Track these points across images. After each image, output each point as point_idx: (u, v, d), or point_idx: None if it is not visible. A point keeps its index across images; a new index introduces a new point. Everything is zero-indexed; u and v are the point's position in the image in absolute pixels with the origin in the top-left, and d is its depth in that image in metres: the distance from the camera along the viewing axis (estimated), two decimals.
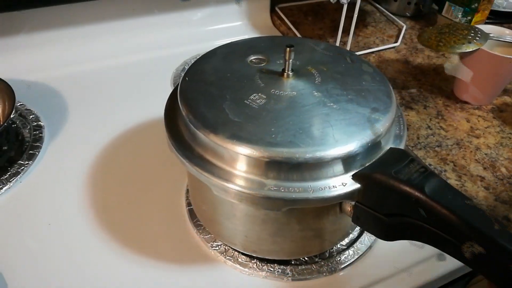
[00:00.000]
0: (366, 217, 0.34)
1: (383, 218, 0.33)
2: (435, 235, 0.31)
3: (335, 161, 0.32)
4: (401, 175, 0.32)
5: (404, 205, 0.31)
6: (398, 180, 0.31)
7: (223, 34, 0.81)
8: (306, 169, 0.32)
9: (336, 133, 0.33)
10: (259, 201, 0.33)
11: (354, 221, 0.36)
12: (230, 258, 0.44)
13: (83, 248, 0.45)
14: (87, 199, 0.50)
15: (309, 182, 0.33)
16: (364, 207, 0.34)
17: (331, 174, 0.33)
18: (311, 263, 0.44)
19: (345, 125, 0.34)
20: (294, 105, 0.35)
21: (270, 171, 0.32)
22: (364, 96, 0.37)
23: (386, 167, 0.33)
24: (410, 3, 0.89)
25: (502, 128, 0.62)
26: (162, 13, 0.78)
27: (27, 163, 0.53)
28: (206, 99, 0.36)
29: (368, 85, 0.38)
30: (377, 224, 0.34)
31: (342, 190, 0.32)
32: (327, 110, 0.35)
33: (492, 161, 0.56)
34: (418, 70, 0.74)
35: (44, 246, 0.45)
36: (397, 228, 0.33)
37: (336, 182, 0.33)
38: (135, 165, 0.55)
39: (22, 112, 0.61)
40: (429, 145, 0.58)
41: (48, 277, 0.42)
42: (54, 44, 0.72)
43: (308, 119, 0.34)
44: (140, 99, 0.66)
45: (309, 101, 0.36)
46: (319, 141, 0.32)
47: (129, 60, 0.74)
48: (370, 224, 0.35)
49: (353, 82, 0.39)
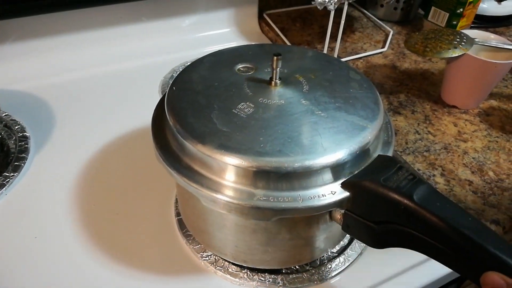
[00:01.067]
0: (356, 225, 0.34)
1: (372, 225, 0.33)
2: (425, 242, 0.31)
3: (324, 169, 0.32)
4: (390, 183, 0.32)
5: (393, 212, 0.31)
6: (387, 188, 0.31)
7: (211, 41, 0.81)
8: (295, 178, 0.32)
9: (325, 142, 0.33)
10: (249, 212, 0.32)
11: (344, 229, 0.35)
12: (220, 268, 0.44)
13: (70, 261, 0.44)
14: (74, 211, 0.49)
15: (299, 191, 0.32)
16: (354, 215, 0.34)
17: (320, 182, 0.33)
18: (302, 271, 0.44)
19: (334, 133, 0.34)
20: (282, 113, 0.35)
21: (259, 181, 0.32)
22: (352, 103, 0.37)
23: (375, 174, 0.33)
24: (397, 8, 0.90)
25: (489, 132, 0.63)
26: (149, 21, 0.78)
27: (12, 175, 0.52)
28: (193, 108, 0.36)
29: (356, 92, 0.38)
30: (367, 232, 0.34)
31: (332, 199, 0.32)
32: (315, 118, 0.35)
33: (479, 165, 0.57)
34: (405, 75, 0.75)
35: (30, 259, 0.44)
36: (387, 235, 0.33)
37: (325, 190, 0.33)
38: (123, 175, 0.54)
39: (7, 123, 0.60)
40: (418, 150, 0.59)
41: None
42: (40, 53, 0.71)
43: (296, 127, 0.34)
44: (128, 108, 0.65)
45: (297, 109, 0.36)
46: (308, 149, 0.32)
47: (116, 68, 0.74)
48: (360, 232, 0.34)
49: (341, 90, 0.39)
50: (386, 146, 0.38)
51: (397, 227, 0.32)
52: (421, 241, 0.31)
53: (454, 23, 0.82)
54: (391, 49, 0.82)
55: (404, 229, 0.31)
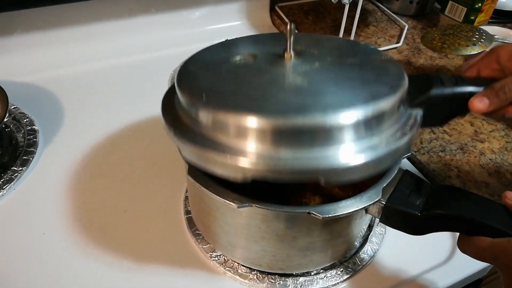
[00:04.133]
0: (396, 215, 0.34)
1: (416, 214, 0.33)
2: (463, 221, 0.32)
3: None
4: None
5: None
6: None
7: (222, 33, 0.79)
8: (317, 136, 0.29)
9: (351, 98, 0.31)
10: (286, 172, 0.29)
11: (382, 221, 0.35)
12: (229, 269, 0.43)
13: (78, 256, 0.44)
14: (82, 207, 0.49)
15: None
16: (395, 206, 0.34)
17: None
18: (313, 274, 0.43)
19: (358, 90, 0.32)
20: (299, 75, 0.33)
21: (284, 141, 0.29)
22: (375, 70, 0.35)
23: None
24: (412, 2, 0.87)
25: (506, 132, 0.61)
26: (159, 13, 0.76)
27: (21, 169, 0.52)
28: (205, 79, 0.34)
29: (381, 65, 0.36)
30: (408, 220, 0.34)
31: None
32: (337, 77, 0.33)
33: (497, 167, 0.55)
34: (420, 71, 0.73)
35: (38, 254, 0.44)
36: (430, 221, 0.33)
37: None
38: (132, 171, 0.53)
39: (16, 116, 0.59)
40: (433, 149, 0.57)
41: (42, 287, 0.41)
42: (49, 45, 0.70)
43: (316, 87, 0.32)
44: (137, 101, 0.65)
45: (315, 72, 0.34)
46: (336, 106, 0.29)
47: (126, 61, 0.73)
48: (400, 221, 0.35)
49: (361, 59, 0.37)
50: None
51: (440, 212, 0.33)
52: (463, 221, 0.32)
53: (472, 18, 0.79)
54: (406, 44, 0.80)
55: (447, 213, 0.33)
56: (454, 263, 0.44)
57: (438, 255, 0.45)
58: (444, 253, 0.45)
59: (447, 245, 0.46)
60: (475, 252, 0.32)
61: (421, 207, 0.33)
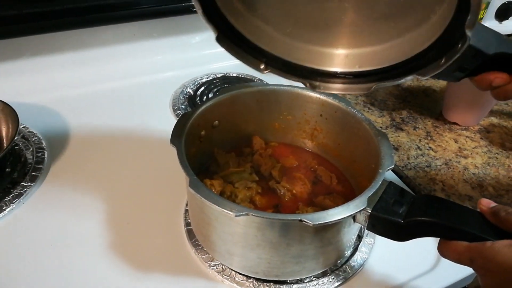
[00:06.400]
0: (381, 223, 0.38)
1: (399, 221, 0.36)
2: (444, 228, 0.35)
3: None
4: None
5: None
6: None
7: (220, 58, 0.84)
8: None
9: None
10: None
11: (369, 229, 0.39)
12: (227, 277, 0.45)
13: (83, 268, 0.46)
14: (87, 220, 0.51)
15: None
16: (380, 214, 0.37)
17: None
18: (306, 281, 0.45)
19: None
20: None
21: None
22: None
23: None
24: None
25: (489, 148, 0.64)
26: (161, 38, 0.81)
27: (29, 185, 0.55)
28: None
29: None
30: (393, 228, 0.37)
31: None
32: None
33: (479, 181, 0.58)
34: (407, 92, 0.77)
35: (45, 266, 0.46)
36: (412, 228, 0.36)
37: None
38: (136, 186, 0.56)
39: (25, 135, 0.63)
40: (419, 165, 0.60)
41: None
42: (56, 68, 0.74)
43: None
44: (140, 121, 0.68)
45: None
46: None
47: (129, 83, 0.77)
48: (385, 228, 0.38)
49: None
50: None
51: (421, 219, 0.36)
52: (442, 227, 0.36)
53: None
54: None
55: (427, 219, 0.36)
56: (439, 271, 0.47)
57: (424, 263, 0.48)
58: (430, 261, 0.48)
59: (432, 254, 0.49)
60: (453, 256, 0.35)
61: (404, 215, 0.36)
